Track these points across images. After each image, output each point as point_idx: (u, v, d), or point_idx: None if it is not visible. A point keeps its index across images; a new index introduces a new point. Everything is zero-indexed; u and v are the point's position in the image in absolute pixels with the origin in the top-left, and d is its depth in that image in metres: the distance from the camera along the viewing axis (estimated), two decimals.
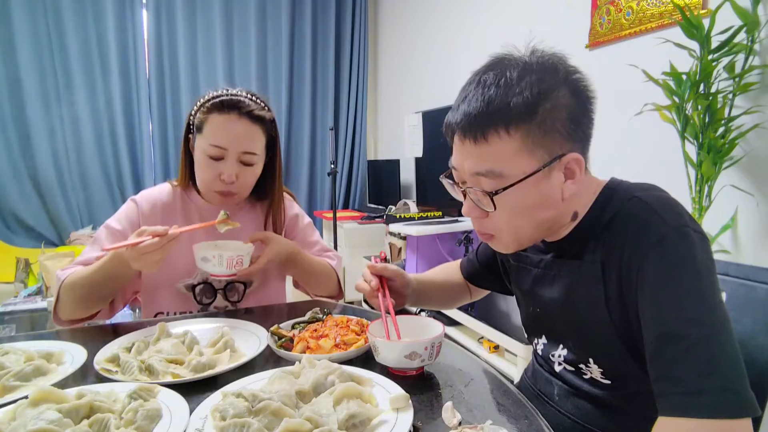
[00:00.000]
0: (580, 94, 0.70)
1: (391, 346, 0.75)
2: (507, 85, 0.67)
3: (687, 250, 0.62)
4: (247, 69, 3.90)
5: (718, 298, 0.61)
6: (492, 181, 0.69)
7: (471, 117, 0.68)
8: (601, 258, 0.70)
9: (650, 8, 1.86)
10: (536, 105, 0.66)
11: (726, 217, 1.59)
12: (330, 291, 1.28)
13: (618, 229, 0.69)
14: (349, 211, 4.11)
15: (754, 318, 0.77)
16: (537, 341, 0.87)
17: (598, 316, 0.71)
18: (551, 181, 0.69)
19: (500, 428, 0.58)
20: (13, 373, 0.73)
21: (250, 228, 1.24)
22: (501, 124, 0.67)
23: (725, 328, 0.59)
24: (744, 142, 1.52)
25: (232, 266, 1.05)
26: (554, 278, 0.79)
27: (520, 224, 0.73)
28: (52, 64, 3.32)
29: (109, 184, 3.59)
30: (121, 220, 1.16)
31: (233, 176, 1.10)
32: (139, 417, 0.60)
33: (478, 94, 0.69)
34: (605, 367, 0.74)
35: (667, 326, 0.60)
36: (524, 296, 0.89)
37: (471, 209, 0.75)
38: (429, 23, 3.49)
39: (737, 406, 0.55)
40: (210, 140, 1.09)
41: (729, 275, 0.83)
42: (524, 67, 0.68)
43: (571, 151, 0.69)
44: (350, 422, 0.59)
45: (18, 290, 2.67)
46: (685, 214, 0.66)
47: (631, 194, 0.70)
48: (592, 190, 0.75)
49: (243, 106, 1.10)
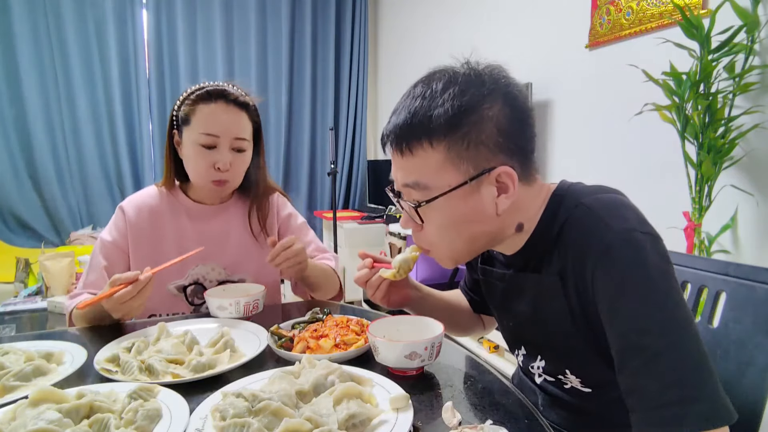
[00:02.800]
0: (512, 106, 0.68)
1: (391, 346, 0.75)
2: (431, 97, 0.66)
3: (635, 257, 0.60)
4: (247, 69, 3.89)
5: (675, 301, 0.58)
6: (419, 193, 0.69)
7: (398, 129, 0.68)
8: (557, 270, 0.68)
9: (650, 8, 1.86)
10: (457, 118, 0.65)
11: (726, 217, 1.59)
12: (332, 293, 1.27)
13: (568, 239, 0.67)
14: (349, 211, 4.11)
15: (754, 318, 0.77)
16: (518, 352, 0.86)
17: (566, 328, 0.69)
18: (481, 195, 0.68)
19: (500, 428, 0.58)
20: (13, 373, 0.73)
21: (238, 220, 1.24)
22: (424, 137, 0.66)
23: (687, 333, 0.57)
24: (744, 142, 1.52)
25: (249, 311, 1.05)
26: (519, 293, 0.77)
27: (451, 238, 0.71)
28: (52, 64, 3.32)
29: (109, 184, 3.59)
30: (111, 231, 1.17)
31: (228, 164, 1.12)
32: (139, 417, 0.60)
33: (406, 106, 0.68)
34: (583, 376, 0.73)
35: (627, 339, 0.59)
36: (497, 310, 0.88)
37: (406, 221, 0.75)
38: (429, 23, 3.49)
39: (705, 416, 0.53)
40: (201, 129, 1.10)
41: (729, 275, 0.83)
42: (449, 79, 0.67)
43: (502, 165, 0.66)
44: (350, 422, 0.58)
45: (18, 290, 2.67)
46: (631, 215, 0.64)
47: (577, 201, 0.68)
48: (541, 198, 0.73)
49: (228, 94, 1.13)
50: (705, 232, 1.56)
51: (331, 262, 1.28)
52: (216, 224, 1.22)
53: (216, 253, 1.19)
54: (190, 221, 1.20)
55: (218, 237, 1.21)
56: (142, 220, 1.17)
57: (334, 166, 2.95)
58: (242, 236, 1.23)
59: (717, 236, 1.57)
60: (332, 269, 1.27)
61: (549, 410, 0.81)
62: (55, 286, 2.35)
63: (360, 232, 3.50)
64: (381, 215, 3.47)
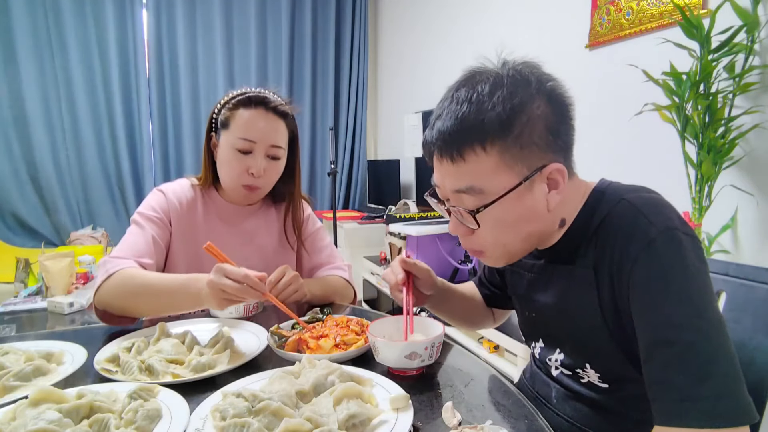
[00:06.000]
0: (556, 102, 0.68)
1: (391, 346, 0.75)
2: (479, 101, 0.66)
3: (675, 253, 0.61)
4: (247, 69, 3.89)
5: (709, 301, 0.60)
6: (473, 197, 0.69)
7: (446, 135, 0.68)
8: (593, 263, 0.69)
9: (650, 8, 1.86)
10: (510, 120, 0.65)
11: (726, 217, 1.59)
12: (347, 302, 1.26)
13: (607, 232, 0.68)
14: (349, 211, 4.10)
15: (754, 318, 0.77)
16: (534, 345, 0.87)
17: (593, 321, 0.70)
18: (534, 193, 0.68)
19: (500, 428, 0.58)
20: (13, 373, 0.73)
21: (265, 224, 1.25)
22: (476, 142, 0.66)
23: (718, 331, 0.58)
24: (744, 142, 1.52)
25: (249, 311, 1.07)
26: (547, 283, 0.78)
27: (506, 239, 0.72)
28: (52, 64, 3.32)
29: (109, 184, 3.59)
30: (154, 208, 1.15)
31: (261, 170, 1.13)
32: (139, 417, 0.60)
33: (451, 112, 0.68)
34: (602, 371, 0.73)
35: (659, 331, 0.60)
36: (519, 301, 0.88)
37: (456, 227, 0.74)
38: (429, 23, 3.49)
39: (734, 414, 0.54)
40: (239, 134, 1.11)
41: (729, 275, 0.83)
42: (495, 81, 0.67)
43: (552, 162, 0.67)
44: (350, 422, 0.58)
45: (18, 290, 2.67)
46: (673, 215, 0.65)
47: (619, 197, 0.69)
48: (581, 194, 0.74)
49: (269, 102, 1.14)
50: (705, 232, 1.56)
51: (344, 273, 1.27)
52: (244, 226, 1.24)
53: (240, 254, 1.18)
54: (221, 220, 1.22)
55: (244, 239, 1.23)
56: (181, 209, 1.18)
57: (334, 166, 2.95)
58: (266, 240, 1.25)
59: (717, 236, 1.57)
60: (345, 281, 1.26)
61: (563, 403, 0.81)
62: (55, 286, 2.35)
63: (360, 232, 3.50)
64: (381, 215, 3.47)
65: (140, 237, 1.09)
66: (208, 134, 1.19)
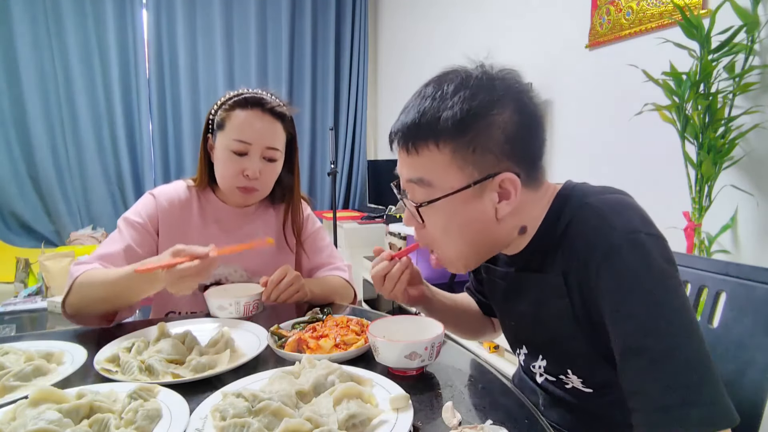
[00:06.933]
0: (523, 112, 0.67)
1: (391, 346, 0.75)
2: (442, 98, 0.66)
3: (639, 258, 0.59)
4: (247, 69, 3.90)
5: (679, 303, 0.58)
6: (423, 189, 0.69)
7: (405, 128, 0.69)
8: (562, 270, 0.68)
9: (650, 8, 1.86)
10: (465, 122, 0.65)
11: (726, 217, 1.59)
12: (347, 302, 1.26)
13: (572, 239, 0.66)
14: (349, 211, 4.11)
15: (754, 318, 0.77)
16: (519, 351, 0.86)
17: (568, 329, 0.69)
18: (483, 200, 0.68)
19: (500, 428, 0.58)
20: (13, 373, 0.73)
21: (264, 226, 1.24)
22: (431, 138, 0.67)
23: (690, 336, 0.56)
24: (744, 142, 1.52)
25: (249, 311, 1.05)
26: (520, 292, 0.77)
27: (452, 240, 0.71)
28: (52, 64, 3.32)
29: (109, 184, 3.59)
30: (141, 214, 1.14)
31: (257, 172, 1.11)
32: (139, 417, 0.60)
33: (416, 106, 0.69)
34: (584, 376, 0.73)
35: (629, 340, 0.59)
36: (498, 309, 0.88)
37: (409, 219, 0.76)
38: (429, 23, 3.49)
39: (707, 420, 0.53)
40: (234, 135, 1.10)
41: (729, 275, 0.83)
42: (461, 82, 0.67)
43: (506, 171, 0.66)
44: (350, 422, 0.58)
45: (18, 290, 2.67)
46: (635, 217, 0.63)
47: (582, 201, 0.67)
48: (546, 199, 0.72)
49: (266, 103, 1.13)
50: (705, 232, 1.56)
51: (344, 273, 1.27)
52: (242, 227, 1.23)
53: (239, 255, 1.18)
54: (217, 222, 1.21)
55: (240, 241, 1.21)
56: (173, 212, 1.17)
57: (334, 166, 2.95)
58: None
59: (717, 236, 1.57)
60: (345, 281, 1.25)
61: (550, 410, 0.81)
62: (55, 286, 2.35)
63: (360, 232, 3.50)
64: (381, 215, 3.47)
65: (115, 244, 1.08)
66: (204, 135, 1.18)
